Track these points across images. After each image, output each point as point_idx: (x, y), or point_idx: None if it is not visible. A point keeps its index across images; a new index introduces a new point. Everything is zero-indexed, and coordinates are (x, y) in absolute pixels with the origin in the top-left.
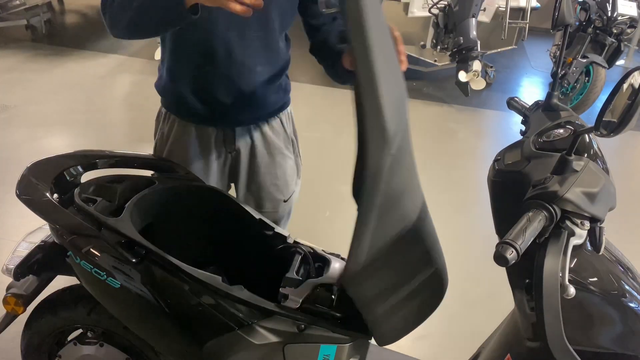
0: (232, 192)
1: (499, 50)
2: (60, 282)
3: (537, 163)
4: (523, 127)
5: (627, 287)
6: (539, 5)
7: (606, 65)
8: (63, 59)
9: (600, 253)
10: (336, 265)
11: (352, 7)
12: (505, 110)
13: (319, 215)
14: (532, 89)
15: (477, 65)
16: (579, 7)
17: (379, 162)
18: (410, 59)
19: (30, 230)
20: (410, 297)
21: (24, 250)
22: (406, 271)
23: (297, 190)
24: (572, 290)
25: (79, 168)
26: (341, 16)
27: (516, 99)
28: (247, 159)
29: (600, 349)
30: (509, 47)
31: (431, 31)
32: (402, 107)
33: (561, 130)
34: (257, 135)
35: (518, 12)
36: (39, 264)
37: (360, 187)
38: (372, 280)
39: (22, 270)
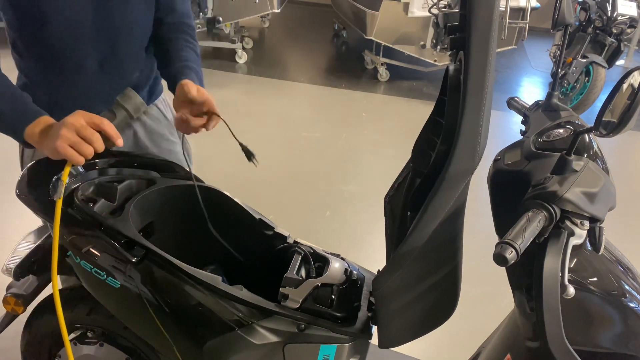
0: (230, 191)
1: (499, 50)
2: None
3: (537, 163)
4: (523, 127)
5: (627, 287)
6: (539, 5)
7: (606, 65)
8: None
9: (600, 253)
10: (336, 265)
11: (482, 18)
12: (505, 110)
13: (319, 215)
14: (532, 89)
15: None
16: (579, 7)
17: (465, 170)
18: (410, 59)
19: (30, 230)
20: (426, 293)
21: (24, 250)
22: (432, 264)
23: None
24: (571, 290)
25: (79, 168)
26: (464, 19)
27: (516, 98)
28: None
29: (600, 349)
30: (509, 47)
31: (431, 31)
32: (485, 141)
33: (561, 130)
34: (137, 126)
35: (518, 12)
36: (39, 264)
37: (434, 190)
38: (401, 271)
39: (22, 270)
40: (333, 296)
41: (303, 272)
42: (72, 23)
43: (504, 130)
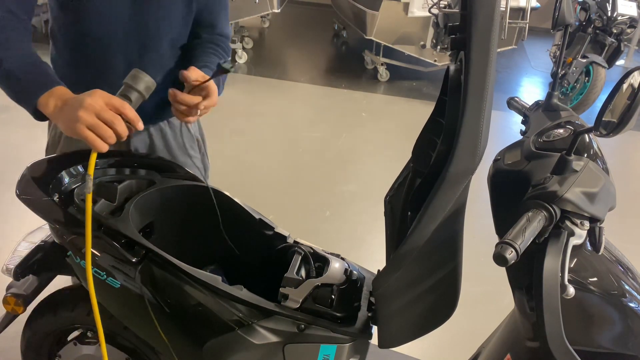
0: (230, 191)
1: (499, 50)
2: (60, 282)
3: (537, 163)
4: (523, 127)
5: (627, 287)
6: (539, 5)
7: (606, 65)
8: None
9: (600, 253)
10: (336, 265)
11: (482, 18)
12: (505, 110)
13: (319, 215)
14: (532, 89)
15: None
16: (579, 7)
17: (465, 170)
18: (410, 59)
19: (30, 230)
20: (426, 293)
21: (24, 250)
22: (432, 264)
23: None
24: (571, 290)
25: (79, 168)
26: (465, 19)
27: (516, 98)
28: None
29: (600, 349)
30: (509, 47)
31: (431, 31)
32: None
33: (561, 130)
34: (156, 135)
35: (518, 12)
36: (39, 264)
37: (435, 189)
38: (401, 271)
39: (22, 270)
40: (333, 296)
41: (303, 272)
42: (106, 18)
43: (504, 130)
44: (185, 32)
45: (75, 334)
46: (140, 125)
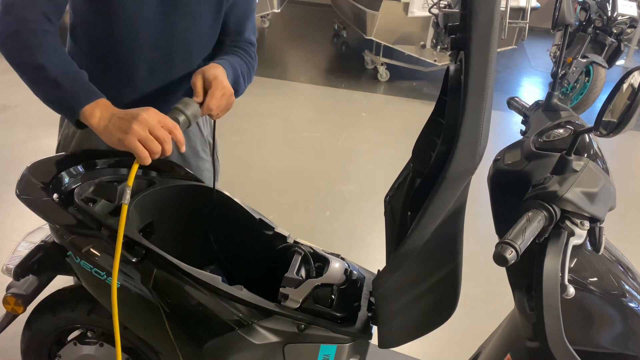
0: (230, 191)
1: (499, 50)
2: (60, 282)
3: (537, 163)
4: (523, 127)
5: (627, 287)
6: (539, 5)
7: (606, 65)
8: None
9: (600, 253)
10: (336, 265)
11: (483, 18)
12: (505, 110)
13: (319, 215)
14: (532, 89)
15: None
16: (579, 7)
17: (466, 170)
18: (410, 58)
19: (30, 230)
20: (426, 293)
21: (24, 250)
22: (432, 264)
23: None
24: (571, 290)
25: (79, 168)
26: (465, 22)
27: (516, 98)
28: None
29: (600, 349)
30: (509, 47)
31: (431, 31)
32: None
33: (561, 130)
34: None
35: (518, 11)
36: (39, 264)
37: (435, 189)
38: (401, 271)
39: (22, 270)
40: (333, 296)
41: (303, 272)
42: (135, 23)
43: (504, 130)
44: (212, 40)
45: (75, 334)
46: (184, 149)
